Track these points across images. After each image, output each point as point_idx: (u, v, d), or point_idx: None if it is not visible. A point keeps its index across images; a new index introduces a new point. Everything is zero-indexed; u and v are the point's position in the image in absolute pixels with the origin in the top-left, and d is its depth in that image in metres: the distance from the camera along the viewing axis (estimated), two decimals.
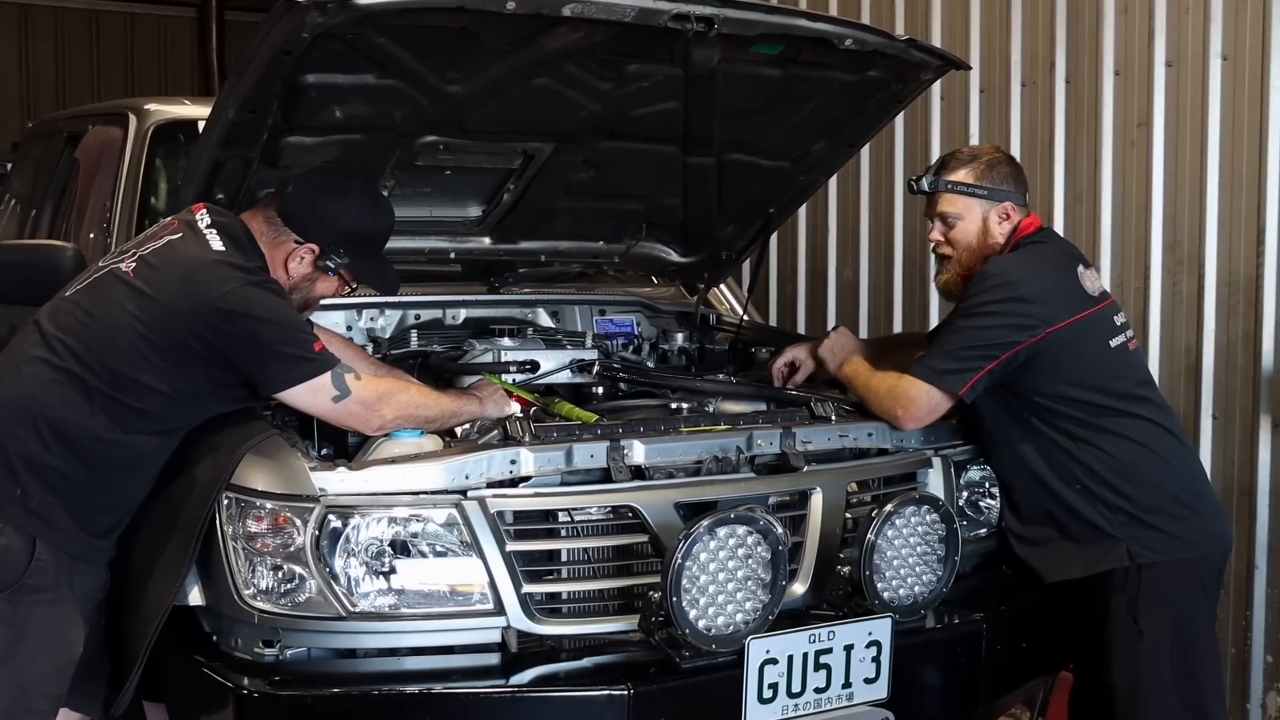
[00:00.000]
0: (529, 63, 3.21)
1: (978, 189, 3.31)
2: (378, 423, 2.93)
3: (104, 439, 2.80)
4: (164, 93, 9.45)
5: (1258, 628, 4.31)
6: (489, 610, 2.74)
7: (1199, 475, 3.36)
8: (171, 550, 2.80)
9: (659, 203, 4.05)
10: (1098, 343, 3.25)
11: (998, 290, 3.18)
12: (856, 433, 3.24)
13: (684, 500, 2.90)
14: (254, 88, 3.01)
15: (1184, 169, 4.47)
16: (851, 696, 2.87)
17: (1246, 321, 4.30)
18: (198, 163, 3.24)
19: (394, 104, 3.26)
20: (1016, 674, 3.28)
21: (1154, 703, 3.18)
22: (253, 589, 2.73)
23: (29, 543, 2.79)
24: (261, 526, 2.74)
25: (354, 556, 2.71)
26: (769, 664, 2.76)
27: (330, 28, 2.84)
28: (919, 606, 3.00)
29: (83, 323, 2.84)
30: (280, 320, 2.85)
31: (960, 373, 3.18)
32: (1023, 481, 3.31)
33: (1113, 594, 3.19)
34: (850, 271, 5.92)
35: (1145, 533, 3.17)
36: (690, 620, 2.68)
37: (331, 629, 2.71)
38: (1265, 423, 4.24)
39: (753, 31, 3.20)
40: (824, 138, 3.84)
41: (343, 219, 3.06)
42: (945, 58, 3.51)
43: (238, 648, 2.77)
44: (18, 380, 2.82)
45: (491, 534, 2.74)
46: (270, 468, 2.77)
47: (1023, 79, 5.02)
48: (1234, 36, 4.30)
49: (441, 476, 2.78)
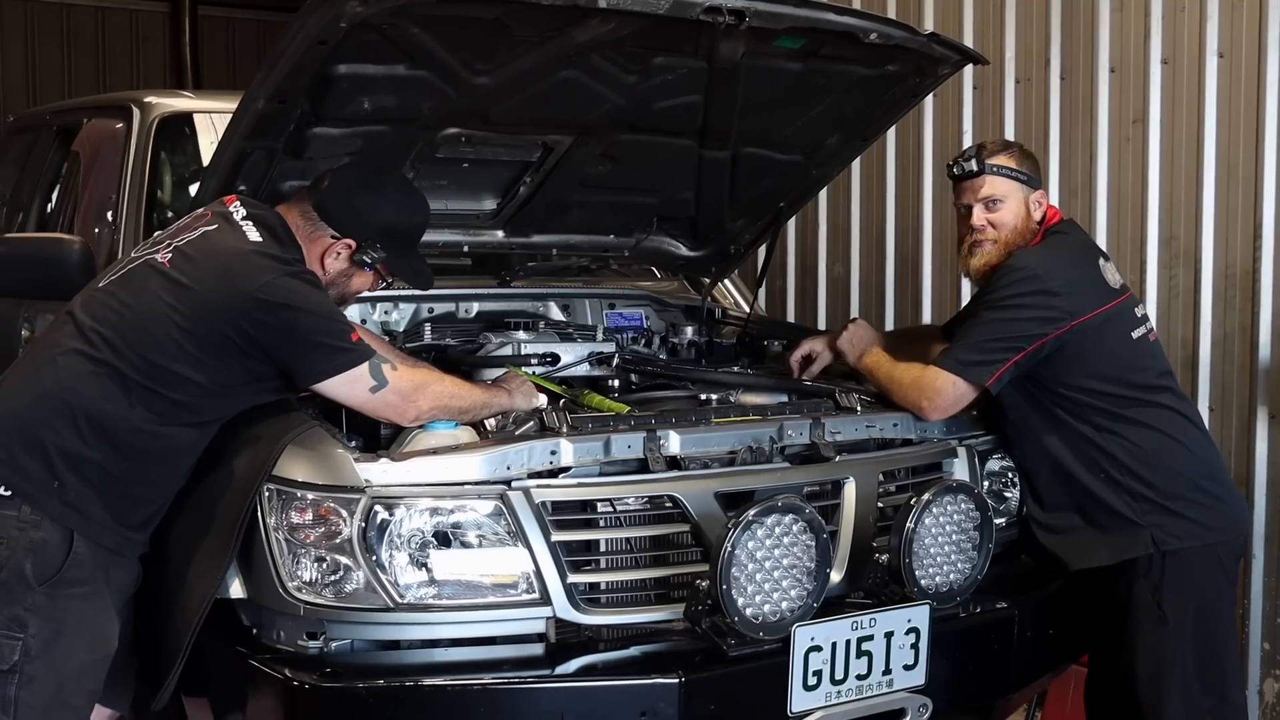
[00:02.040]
0: (557, 55, 3.21)
1: (1019, 173, 3.36)
2: (414, 413, 2.92)
3: (141, 431, 2.77)
4: (136, 87, 9.35)
5: (1255, 616, 4.38)
6: (535, 600, 2.75)
7: (1219, 463, 3.42)
8: (211, 543, 2.78)
9: (671, 196, 4.06)
10: (1120, 334, 3.30)
11: (1024, 284, 3.22)
12: (883, 423, 3.28)
13: (723, 490, 2.92)
14: (286, 78, 3.00)
15: (1180, 164, 4.53)
16: (891, 683, 2.90)
17: (1243, 315, 4.37)
18: (222, 153, 3.22)
19: (422, 95, 3.26)
20: (1044, 661, 3.32)
21: (1176, 688, 3.23)
22: (297, 581, 2.71)
23: (66, 536, 2.76)
24: (305, 518, 2.73)
25: (400, 548, 2.71)
26: (814, 651, 2.78)
27: (368, 18, 2.84)
28: (955, 594, 3.02)
29: (119, 314, 2.81)
30: (319, 310, 2.84)
31: (987, 364, 3.22)
32: (1047, 471, 3.35)
33: (1137, 580, 3.24)
34: (841, 267, 5.96)
35: (1169, 520, 3.22)
36: (739, 608, 2.69)
37: (378, 620, 2.70)
38: (1262, 414, 4.32)
39: (782, 25, 3.21)
40: (838, 131, 3.87)
41: (379, 214, 3.05)
42: (965, 52, 3.56)
43: (280, 640, 2.75)
44: (54, 372, 2.79)
45: (537, 524, 2.75)
46: (313, 459, 2.76)
47: (1017, 75, 5.08)
48: (1230, 34, 4.36)
49: (483, 467, 2.78)
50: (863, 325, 3.69)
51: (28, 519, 2.73)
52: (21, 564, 2.72)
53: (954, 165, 3.42)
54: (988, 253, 3.37)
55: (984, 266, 3.38)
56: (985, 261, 3.37)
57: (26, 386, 2.81)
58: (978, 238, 3.38)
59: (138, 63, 9.61)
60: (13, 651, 2.71)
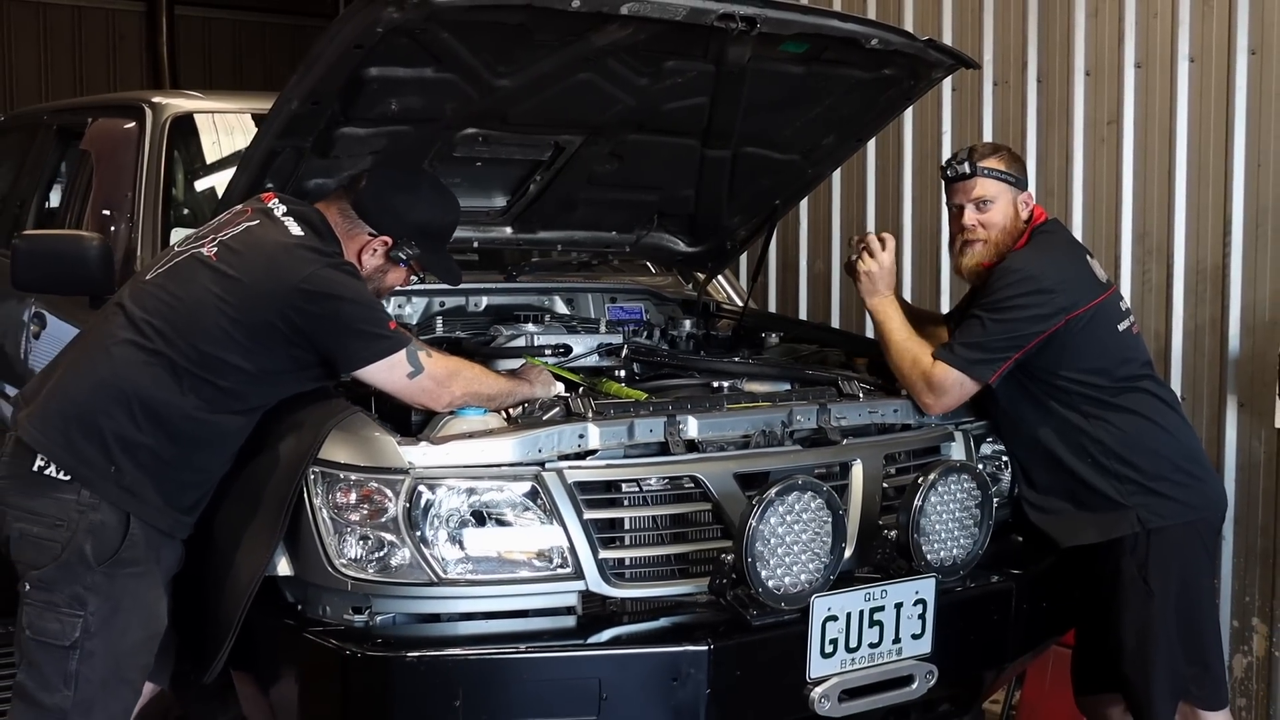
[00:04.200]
0: (576, 58, 3.36)
1: (1008, 175, 3.54)
2: (447, 399, 3.06)
3: (192, 418, 2.91)
4: (113, 87, 9.43)
5: (1225, 595, 4.58)
6: (568, 575, 2.90)
7: (1198, 445, 3.63)
8: (260, 524, 2.91)
9: (673, 194, 4.22)
10: (1107, 327, 3.49)
11: (1021, 285, 3.41)
12: (884, 409, 3.46)
13: (741, 471, 3.09)
14: (320, 80, 3.13)
15: (1153, 164, 4.73)
16: (900, 651, 3.08)
17: (1213, 308, 4.57)
18: (254, 151, 3.35)
19: (446, 97, 3.40)
20: (1038, 632, 3.51)
21: (1161, 656, 3.43)
22: (344, 558, 2.85)
23: (123, 518, 2.90)
24: (349, 498, 2.87)
25: (442, 526, 2.85)
26: (830, 620, 2.96)
27: (402, 23, 2.98)
28: (959, 567, 3.21)
29: (169, 305, 2.94)
30: (360, 299, 2.98)
31: (990, 363, 3.41)
32: (1039, 456, 3.54)
33: (1123, 557, 3.44)
34: (822, 263, 6.13)
35: (1153, 500, 3.43)
36: (763, 580, 2.87)
37: (421, 594, 2.85)
38: (1231, 403, 4.52)
39: (789, 31, 3.38)
40: (834, 132, 4.04)
41: (415, 213, 3.20)
42: (958, 57, 3.74)
43: (326, 615, 2.89)
44: (109, 362, 2.92)
45: (570, 503, 2.91)
46: (357, 443, 2.90)
47: (995, 78, 5.27)
48: (1200, 40, 4.56)
49: (517, 450, 2.94)
50: (890, 274, 3.64)
51: (87, 502, 2.87)
52: (82, 545, 2.86)
53: (947, 168, 3.61)
54: (979, 253, 3.55)
55: (976, 265, 3.57)
56: (977, 261, 3.56)
57: (83, 376, 2.94)
58: (969, 236, 3.56)
59: (114, 62, 9.64)
60: (74, 628, 2.85)
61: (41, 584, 2.88)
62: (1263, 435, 4.45)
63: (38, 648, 2.88)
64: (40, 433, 2.90)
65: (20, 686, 2.91)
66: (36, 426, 2.91)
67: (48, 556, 2.87)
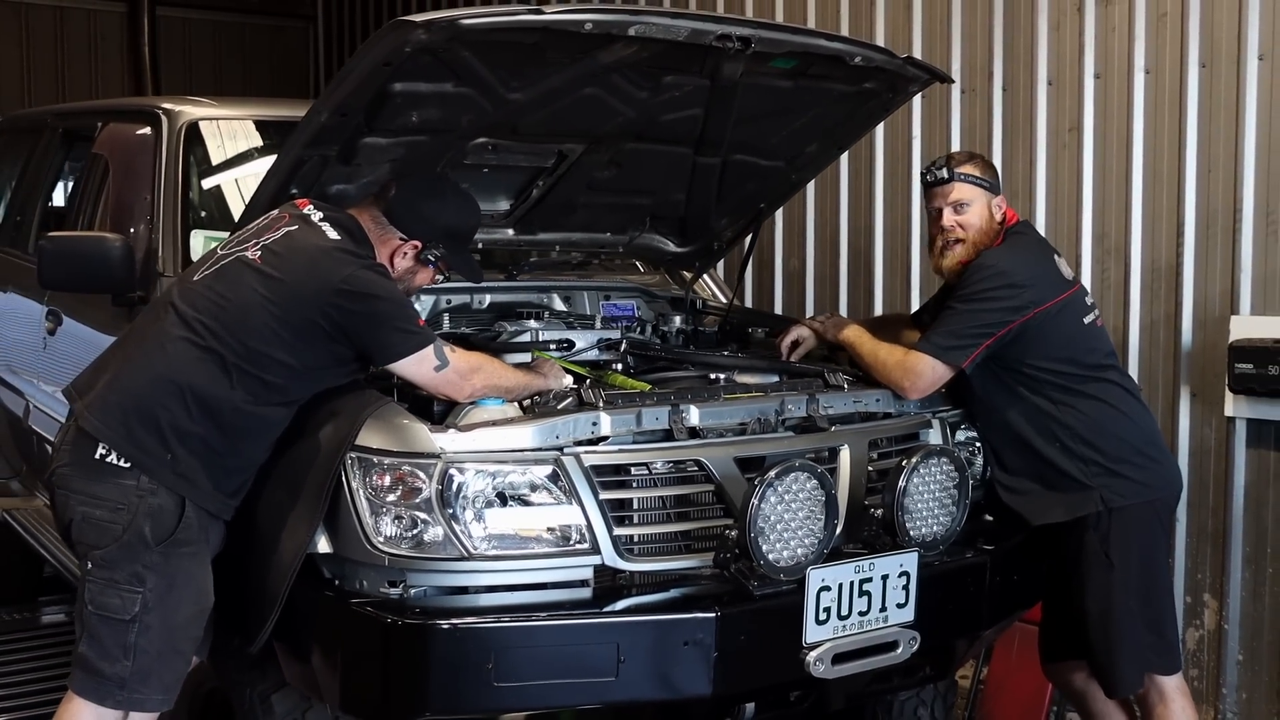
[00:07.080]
0: (583, 74, 3.63)
1: (983, 181, 3.84)
2: (469, 391, 3.32)
3: (241, 410, 3.16)
4: (95, 87, 9.57)
5: (1178, 573, 4.89)
6: (586, 550, 3.17)
7: (1157, 430, 3.94)
8: (301, 506, 3.16)
9: (666, 198, 4.49)
10: (1074, 320, 3.79)
11: (993, 279, 3.70)
12: (867, 399, 3.75)
13: (741, 455, 3.37)
14: (350, 94, 3.38)
15: (1111, 169, 5.04)
16: (886, 619, 3.36)
17: (1168, 304, 4.89)
18: (283, 159, 3.60)
19: (463, 109, 3.66)
20: (1010, 602, 3.80)
21: (1123, 624, 3.73)
22: (381, 536, 3.10)
23: (179, 502, 3.15)
24: (384, 481, 3.12)
25: (470, 506, 3.11)
26: (824, 591, 3.24)
27: (429, 43, 3.23)
28: (939, 543, 3.50)
29: (219, 305, 3.19)
30: (394, 298, 3.24)
31: (963, 348, 3.69)
32: (1010, 440, 3.84)
33: (1087, 533, 3.74)
34: (797, 261, 6.41)
35: (1115, 481, 3.73)
36: (763, 554, 3.14)
37: (452, 569, 3.11)
38: (1184, 393, 4.84)
39: (781, 49, 3.67)
40: (818, 141, 4.33)
41: (442, 217, 3.46)
42: (934, 72, 4.03)
43: (363, 588, 3.15)
44: (165, 358, 3.16)
45: (587, 485, 3.18)
46: (391, 430, 3.16)
47: (962, 86, 5.56)
48: (1155, 53, 4.88)
49: (537, 436, 3.21)
50: (839, 316, 4.16)
51: (145, 487, 3.12)
52: (141, 527, 3.11)
53: (927, 173, 3.90)
54: (958, 253, 3.83)
55: (955, 265, 3.84)
56: (956, 260, 3.84)
57: (140, 370, 3.19)
58: (948, 238, 3.84)
59: (96, 62, 9.76)
60: (134, 604, 3.10)
61: (104, 563, 3.12)
62: (1213, 423, 4.77)
63: (100, 622, 3.12)
64: (101, 423, 3.14)
65: (82, 658, 3.15)
66: (97, 416, 3.15)
67: (109, 538, 3.12)
